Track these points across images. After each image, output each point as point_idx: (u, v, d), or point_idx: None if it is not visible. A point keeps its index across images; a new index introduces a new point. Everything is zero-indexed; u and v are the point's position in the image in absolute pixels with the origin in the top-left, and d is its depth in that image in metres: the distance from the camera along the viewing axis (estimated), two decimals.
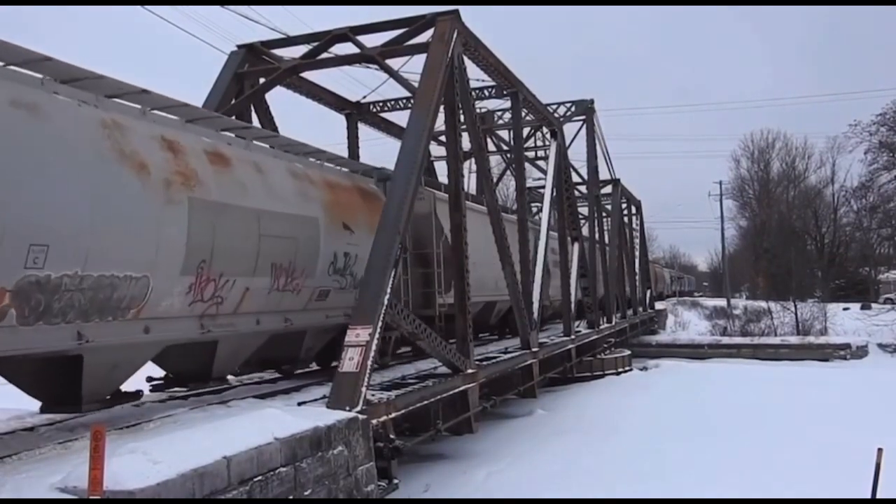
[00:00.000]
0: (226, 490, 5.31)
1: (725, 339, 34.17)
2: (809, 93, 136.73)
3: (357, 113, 16.86)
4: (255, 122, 12.81)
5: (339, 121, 16.82)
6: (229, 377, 9.73)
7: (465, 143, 13.04)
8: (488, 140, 21.32)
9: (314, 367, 11.66)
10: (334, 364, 9.48)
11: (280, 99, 14.46)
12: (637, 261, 36.93)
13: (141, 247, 6.66)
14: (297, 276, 9.10)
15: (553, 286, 20.69)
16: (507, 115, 19.74)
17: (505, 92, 16.60)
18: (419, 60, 11.71)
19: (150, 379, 8.72)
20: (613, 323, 25.73)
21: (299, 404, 8.35)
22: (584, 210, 26.81)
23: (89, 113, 6.51)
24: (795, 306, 35.04)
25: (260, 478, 5.69)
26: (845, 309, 40.96)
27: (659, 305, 44.31)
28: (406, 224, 9.64)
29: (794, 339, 32.21)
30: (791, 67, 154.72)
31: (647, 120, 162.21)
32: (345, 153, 15.49)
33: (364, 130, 17.23)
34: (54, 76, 6.43)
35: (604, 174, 28.03)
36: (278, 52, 13.64)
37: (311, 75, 14.62)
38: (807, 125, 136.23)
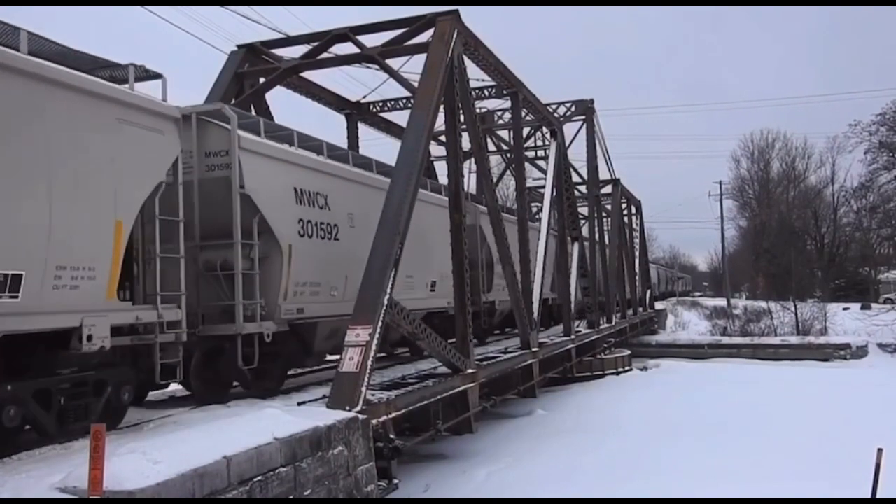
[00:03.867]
0: (226, 490, 5.32)
1: (725, 339, 34.10)
2: (809, 93, 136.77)
3: (357, 113, 16.87)
4: None
5: (339, 121, 16.85)
6: None
7: (465, 142, 13.04)
8: (488, 140, 21.33)
9: None
10: None
11: (280, 99, 14.49)
12: (637, 261, 36.91)
13: None
14: None
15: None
16: (507, 115, 19.75)
17: (505, 92, 16.62)
18: (419, 60, 11.72)
19: None
20: (613, 323, 25.73)
21: (299, 404, 8.36)
22: (584, 210, 26.82)
23: None
24: (795, 306, 34.98)
25: (260, 478, 5.69)
26: (845, 309, 40.90)
27: (659, 305, 44.30)
28: (406, 224, 9.59)
29: (794, 339, 32.16)
30: (792, 67, 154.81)
31: (647, 120, 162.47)
32: None
33: (364, 130, 17.27)
34: None
35: (604, 174, 28.05)
36: (278, 52, 13.66)
37: (311, 75, 14.65)
38: (807, 125, 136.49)
